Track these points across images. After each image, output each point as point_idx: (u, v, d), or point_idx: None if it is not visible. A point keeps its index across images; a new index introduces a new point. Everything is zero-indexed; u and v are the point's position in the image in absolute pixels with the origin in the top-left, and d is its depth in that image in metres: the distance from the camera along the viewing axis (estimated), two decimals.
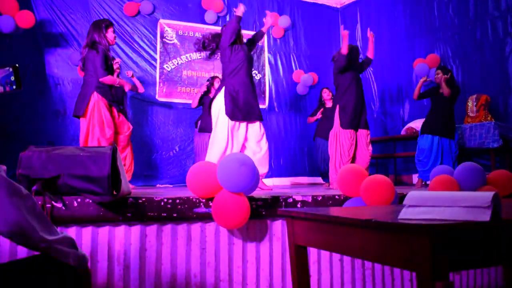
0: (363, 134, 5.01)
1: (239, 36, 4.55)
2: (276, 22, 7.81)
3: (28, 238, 1.26)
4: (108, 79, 4.30)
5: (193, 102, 6.45)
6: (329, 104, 6.32)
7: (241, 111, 4.37)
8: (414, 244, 1.09)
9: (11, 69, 1.47)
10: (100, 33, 4.33)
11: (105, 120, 4.28)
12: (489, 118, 5.76)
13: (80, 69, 4.41)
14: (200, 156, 6.05)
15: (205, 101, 6.11)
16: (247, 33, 7.66)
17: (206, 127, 5.92)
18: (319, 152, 6.43)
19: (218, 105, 4.43)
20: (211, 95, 6.00)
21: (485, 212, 1.14)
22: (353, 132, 4.94)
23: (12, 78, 1.47)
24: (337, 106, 5.03)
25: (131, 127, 4.67)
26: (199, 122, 6.30)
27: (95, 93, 4.25)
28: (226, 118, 4.35)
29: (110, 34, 4.41)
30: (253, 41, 4.78)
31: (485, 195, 1.17)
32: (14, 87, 1.48)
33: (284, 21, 7.83)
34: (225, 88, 4.43)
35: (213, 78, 6.42)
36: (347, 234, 1.34)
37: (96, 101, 4.25)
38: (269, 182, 7.06)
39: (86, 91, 4.29)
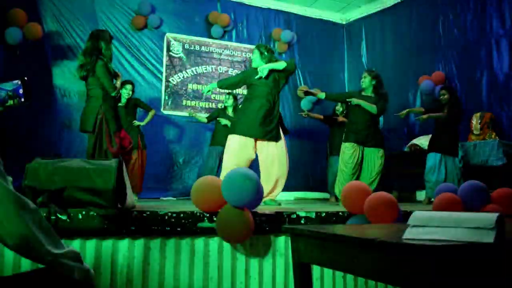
0: (373, 153, 5.04)
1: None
2: (279, 37, 7.88)
3: (34, 251, 1.26)
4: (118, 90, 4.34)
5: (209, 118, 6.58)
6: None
7: (251, 129, 4.47)
8: (418, 264, 1.10)
9: (19, 82, 1.46)
10: (107, 45, 4.30)
11: (114, 133, 4.27)
12: (493, 136, 5.76)
13: (80, 78, 4.35)
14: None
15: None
16: (253, 48, 7.73)
17: (218, 141, 6.16)
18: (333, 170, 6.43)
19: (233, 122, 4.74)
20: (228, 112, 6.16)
21: (489, 233, 1.15)
22: (356, 147, 4.98)
23: (21, 91, 1.46)
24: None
25: (132, 141, 4.67)
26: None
27: (101, 107, 4.24)
28: (237, 134, 4.53)
29: (112, 47, 4.43)
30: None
31: (490, 217, 1.17)
32: (23, 99, 1.47)
33: (289, 36, 7.87)
34: (242, 106, 4.73)
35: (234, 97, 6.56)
36: (352, 253, 1.34)
37: (103, 114, 4.24)
38: None
39: (93, 106, 4.25)
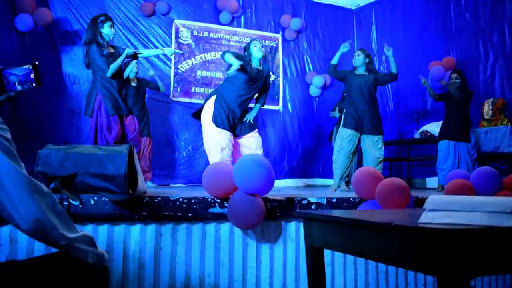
0: (370, 140, 5.03)
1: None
2: (288, 24, 7.80)
3: (48, 235, 1.27)
4: (112, 69, 4.24)
5: None
6: None
7: (224, 120, 4.28)
8: (435, 248, 1.08)
9: (30, 67, 1.46)
10: (94, 30, 4.28)
11: (111, 118, 4.27)
12: (505, 122, 5.69)
13: (86, 67, 4.40)
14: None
15: None
16: (262, 34, 7.71)
17: None
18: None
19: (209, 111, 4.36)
20: None
21: (507, 217, 1.13)
22: (353, 133, 4.99)
23: (32, 76, 1.47)
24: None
25: (137, 128, 4.64)
26: None
27: (99, 92, 4.25)
28: (213, 125, 4.28)
29: (106, 29, 4.32)
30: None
31: (508, 201, 1.16)
32: (34, 84, 1.47)
33: (299, 24, 7.80)
34: (216, 96, 4.38)
35: None
36: (366, 237, 1.32)
37: (101, 100, 4.25)
38: (282, 183, 7.08)
39: (91, 91, 4.30)
